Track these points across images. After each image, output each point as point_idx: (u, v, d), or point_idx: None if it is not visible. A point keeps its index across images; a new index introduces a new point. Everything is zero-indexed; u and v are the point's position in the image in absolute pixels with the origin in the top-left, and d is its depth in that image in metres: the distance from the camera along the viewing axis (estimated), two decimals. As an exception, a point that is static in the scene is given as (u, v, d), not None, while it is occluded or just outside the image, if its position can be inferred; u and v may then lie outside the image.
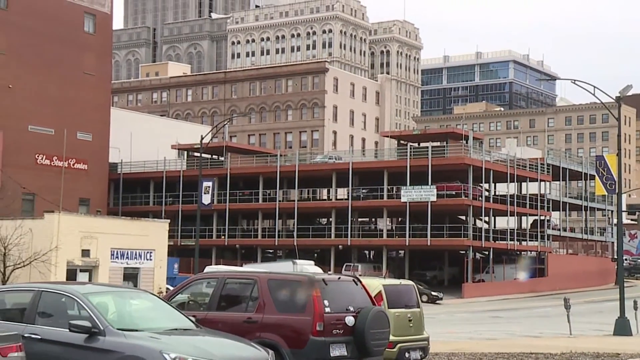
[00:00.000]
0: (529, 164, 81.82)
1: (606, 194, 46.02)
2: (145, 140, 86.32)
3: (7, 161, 67.73)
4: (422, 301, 60.04)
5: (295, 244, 75.68)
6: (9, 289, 15.21)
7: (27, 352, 11.23)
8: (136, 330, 12.35)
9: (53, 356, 12.26)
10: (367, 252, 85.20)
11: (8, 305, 13.63)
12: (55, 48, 73.95)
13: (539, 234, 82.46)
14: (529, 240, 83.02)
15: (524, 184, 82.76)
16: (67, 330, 12.25)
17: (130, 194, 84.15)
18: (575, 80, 35.87)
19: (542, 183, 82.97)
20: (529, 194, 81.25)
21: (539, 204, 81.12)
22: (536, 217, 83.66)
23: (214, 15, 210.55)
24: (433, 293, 63.51)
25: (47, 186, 69.68)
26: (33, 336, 12.29)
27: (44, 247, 43.91)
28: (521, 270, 74.08)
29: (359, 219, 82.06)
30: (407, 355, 17.46)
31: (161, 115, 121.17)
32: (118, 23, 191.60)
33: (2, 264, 44.55)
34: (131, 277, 48.12)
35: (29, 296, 13.37)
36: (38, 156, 72.97)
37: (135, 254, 49.44)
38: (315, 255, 76.87)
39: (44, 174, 71.91)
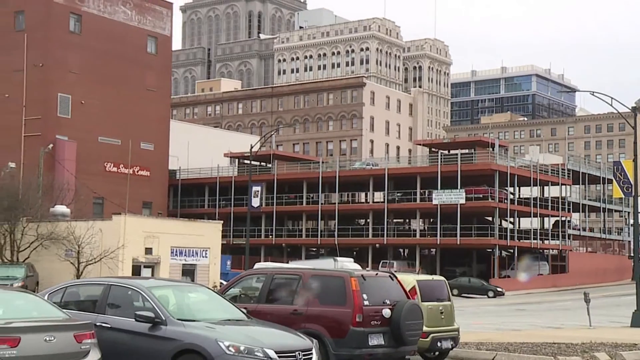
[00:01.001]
0: (551, 169, 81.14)
1: (623, 196, 45.53)
2: (200, 149, 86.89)
3: (80, 169, 68.42)
4: (489, 296, 60.09)
5: (336, 243, 75.88)
6: (83, 283, 15.46)
7: (99, 338, 11.45)
8: (194, 321, 12.47)
9: (121, 343, 12.41)
10: (401, 250, 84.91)
11: (82, 298, 13.86)
12: (122, 67, 74.69)
13: (560, 233, 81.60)
14: (551, 240, 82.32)
15: (546, 188, 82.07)
16: (134, 320, 12.44)
17: (187, 197, 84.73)
18: (593, 92, 35.49)
19: (563, 187, 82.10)
20: (551, 197, 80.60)
21: (560, 205, 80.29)
22: (557, 218, 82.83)
23: (262, 36, 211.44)
24: (498, 289, 63.80)
25: (115, 191, 70.51)
26: (104, 325, 12.47)
27: (112, 245, 44.44)
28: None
29: (394, 220, 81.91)
30: (439, 344, 17.37)
31: (215, 127, 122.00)
32: (177, 44, 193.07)
33: (77, 261, 45.20)
34: (189, 272, 48.48)
35: (100, 289, 13.57)
36: (107, 164, 73.69)
37: (193, 252, 49.81)
38: (354, 253, 76.74)
39: (111, 180, 72.69)
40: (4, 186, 53.28)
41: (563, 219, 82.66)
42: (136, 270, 45.92)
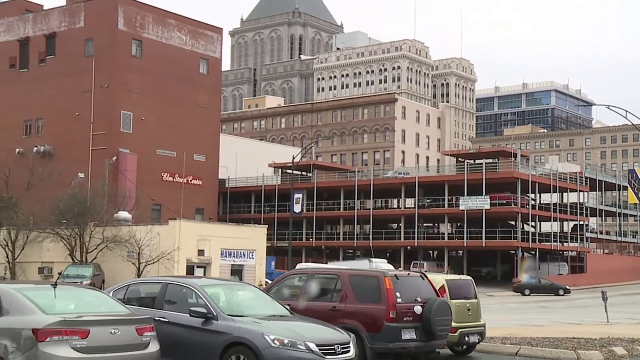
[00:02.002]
0: (569, 177, 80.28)
1: (638, 202, 45.06)
2: (247, 160, 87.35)
3: (140, 179, 69.14)
4: (559, 294, 59.28)
5: (370, 245, 75.76)
6: (143, 282, 15.62)
7: (157, 331, 11.51)
8: (242, 316, 12.51)
9: (177, 336, 12.50)
10: (431, 252, 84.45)
11: (142, 294, 14.00)
12: (177, 87, 75.35)
13: (578, 236, 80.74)
14: (570, 242, 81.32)
15: (565, 194, 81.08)
16: (188, 315, 12.54)
17: (235, 204, 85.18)
18: (609, 106, 35.27)
19: (581, 193, 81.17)
20: (570, 203, 79.60)
21: (578, 210, 79.45)
22: (576, 222, 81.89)
23: (302, 57, 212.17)
24: (567, 287, 62.76)
25: (171, 198, 71.14)
26: (162, 319, 12.57)
27: (169, 247, 44.83)
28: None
29: (424, 224, 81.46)
30: (466, 339, 17.24)
31: (260, 140, 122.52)
32: (226, 65, 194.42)
33: (137, 261, 45.69)
34: (237, 272, 48.67)
35: (158, 287, 13.71)
36: (163, 174, 74.29)
37: (240, 254, 50.01)
38: (388, 254, 76.47)
39: (168, 189, 73.31)
40: (74, 194, 54.18)
41: (581, 222, 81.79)
42: (190, 270, 46.26)
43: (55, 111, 73.39)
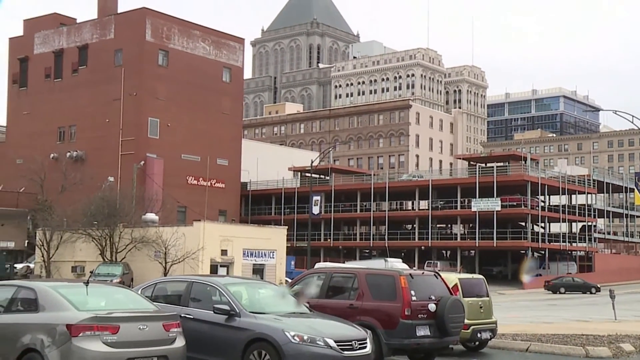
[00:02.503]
0: (578, 180, 79.67)
1: (643, 203, 44.85)
2: (268, 164, 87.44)
3: (166, 182, 69.39)
4: (591, 292, 58.44)
5: (386, 245, 75.64)
6: (169, 280, 15.70)
7: (183, 328, 11.57)
8: (263, 313, 12.51)
9: (202, 332, 12.55)
10: (444, 251, 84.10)
11: (169, 292, 14.02)
12: (201, 94, 75.61)
13: (586, 236, 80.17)
14: (579, 242, 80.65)
15: (573, 196, 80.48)
16: (212, 312, 12.57)
17: (256, 206, 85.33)
18: (616, 111, 35.03)
19: (589, 195, 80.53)
20: (578, 204, 79.06)
21: (586, 212, 78.88)
22: (584, 223, 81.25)
23: (321, 66, 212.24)
24: (598, 285, 61.60)
25: (195, 201, 71.45)
26: (187, 316, 12.61)
27: (194, 247, 45.04)
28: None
29: (438, 225, 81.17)
30: (479, 335, 17.21)
31: (280, 145, 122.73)
32: (247, 73, 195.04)
33: (164, 260, 45.93)
34: (258, 271, 48.81)
35: (184, 285, 13.73)
36: (188, 178, 74.51)
37: (261, 253, 50.16)
38: (403, 254, 76.23)
39: (192, 192, 73.61)
40: (104, 197, 54.49)
41: (589, 224, 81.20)
42: (213, 269, 46.47)
43: (87, 118, 73.93)
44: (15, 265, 54.36)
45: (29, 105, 79.51)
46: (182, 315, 12.33)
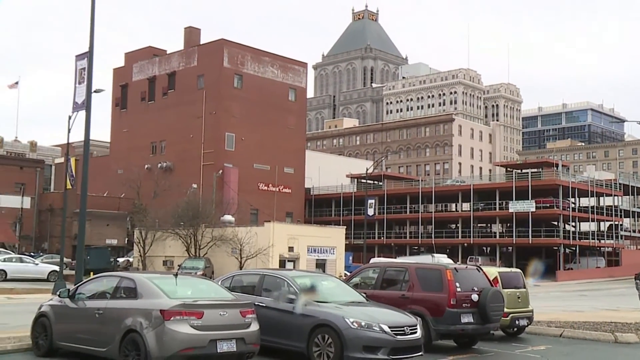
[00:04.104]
0: (605, 183, 77.73)
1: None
2: (328, 172, 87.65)
3: (241, 188, 70.08)
4: None
5: (433, 242, 74.86)
6: (245, 273, 15.90)
7: (257, 314, 11.64)
8: (326, 302, 12.49)
9: (272, 318, 12.59)
10: (484, 248, 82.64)
11: (244, 284, 14.11)
12: (270, 112, 76.19)
13: (614, 234, 77.88)
14: (606, 239, 78.42)
15: (601, 198, 78.29)
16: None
17: (319, 208, 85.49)
18: None
19: (616, 197, 78.26)
20: (605, 205, 77.00)
21: (613, 212, 76.71)
22: (611, 222, 78.92)
23: (374, 85, 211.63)
24: None
25: (265, 204, 72.05)
26: (260, 304, 12.68)
27: (264, 245, 45.40)
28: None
29: (478, 225, 79.87)
30: (517, 322, 16.94)
31: (339, 155, 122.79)
32: (310, 93, 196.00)
33: (240, 256, 46.41)
34: (321, 265, 48.87)
35: (257, 278, 13.84)
36: (259, 184, 75.10)
37: (323, 250, 50.20)
38: (447, 250, 75.36)
39: (263, 196, 74.21)
40: (189, 202, 55.36)
41: (616, 223, 78.87)
42: (282, 264, 46.66)
43: (174, 134, 75.42)
44: (117, 259, 55.76)
45: (128, 124, 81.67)
46: (256, 303, 12.41)
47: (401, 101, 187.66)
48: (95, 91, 27.80)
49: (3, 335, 14.01)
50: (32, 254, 57.27)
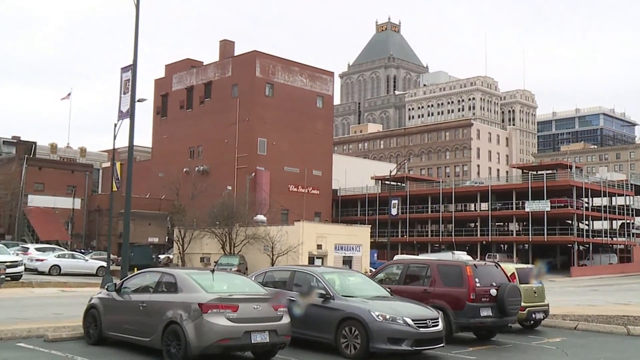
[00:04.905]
0: (617, 184, 76.20)
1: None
2: (354, 174, 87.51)
3: (272, 190, 70.18)
4: None
5: (453, 240, 74.21)
6: (276, 269, 15.92)
7: (288, 308, 11.69)
8: (353, 297, 12.48)
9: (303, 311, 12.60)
10: (502, 245, 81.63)
11: (276, 279, 14.15)
12: (299, 118, 76.29)
13: (625, 232, 76.38)
14: (618, 237, 76.95)
15: (613, 198, 76.80)
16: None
17: (345, 208, 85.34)
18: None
19: (627, 197, 76.81)
20: (617, 205, 75.54)
21: (625, 211, 75.26)
22: (623, 221, 77.46)
23: (396, 92, 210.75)
24: None
25: (295, 205, 72.12)
26: (291, 298, 12.70)
27: (294, 242, 45.47)
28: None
29: (496, 223, 78.93)
30: (533, 316, 16.76)
31: (364, 158, 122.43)
32: (336, 100, 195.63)
33: (271, 253, 46.51)
34: (347, 262, 48.77)
35: (288, 274, 13.86)
36: (289, 186, 75.16)
37: (350, 247, 50.12)
38: (467, 248, 74.52)
39: (293, 197, 74.29)
40: (224, 202, 55.53)
41: (627, 221, 77.37)
42: (311, 260, 46.68)
43: (210, 140, 76.00)
44: (159, 256, 56.31)
45: (168, 130, 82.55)
46: (287, 297, 12.45)
47: (422, 107, 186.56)
48: (138, 100, 28.17)
49: (59, 325, 14.38)
50: (82, 250, 58.19)
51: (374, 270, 29.36)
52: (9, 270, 28.95)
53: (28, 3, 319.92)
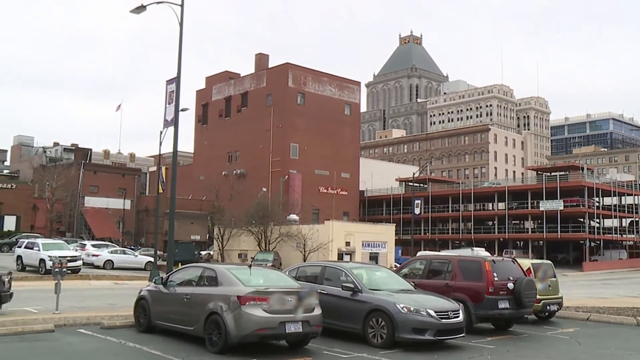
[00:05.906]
0: (626, 184, 74.65)
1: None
2: (380, 176, 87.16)
3: (304, 191, 70.20)
4: None
5: (472, 237, 73.36)
6: (308, 265, 15.98)
7: (319, 300, 11.63)
8: (379, 290, 12.47)
9: (333, 303, 12.58)
10: (518, 242, 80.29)
11: (308, 274, 14.15)
12: (329, 125, 76.31)
13: (634, 229, 74.61)
14: (628, 234, 75.23)
15: (622, 197, 75.07)
16: (340, 288, 12.64)
17: (371, 208, 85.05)
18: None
19: (636, 196, 74.99)
20: (627, 204, 73.84)
21: (634, 210, 73.50)
22: (632, 219, 75.64)
23: (419, 100, 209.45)
24: None
25: (325, 205, 72.14)
26: (322, 291, 12.68)
27: (325, 240, 45.43)
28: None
29: (513, 222, 77.73)
30: (548, 308, 16.55)
31: (389, 161, 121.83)
32: (363, 108, 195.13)
33: (303, 250, 46.49)
34: (374, 258, 48.57)
35: (319, 269, 13.86)
36: (320, 188, 75.15)
37: (376, 244, 49.90)
38: (485, 244, 73.56)
39: (323, 198, 74.33)
40: (260, 203, 55.61)
41: (636, 219, 75.53)
42: (340, 256, 46.55)
43: (247, 145, 76.46)
44: (200, 252, 56.81)
45: (208, 137, 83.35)
46: (318, 290, 12.42)
47: (443, 114, 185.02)
48: (181, 110, 28.56)
49: (113, 314, 14.75)
50: (132, 247, 59.13)
51: (398, 265, 29.22)
52: (69, 264, 29.63)
53: (90, 23, 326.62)
